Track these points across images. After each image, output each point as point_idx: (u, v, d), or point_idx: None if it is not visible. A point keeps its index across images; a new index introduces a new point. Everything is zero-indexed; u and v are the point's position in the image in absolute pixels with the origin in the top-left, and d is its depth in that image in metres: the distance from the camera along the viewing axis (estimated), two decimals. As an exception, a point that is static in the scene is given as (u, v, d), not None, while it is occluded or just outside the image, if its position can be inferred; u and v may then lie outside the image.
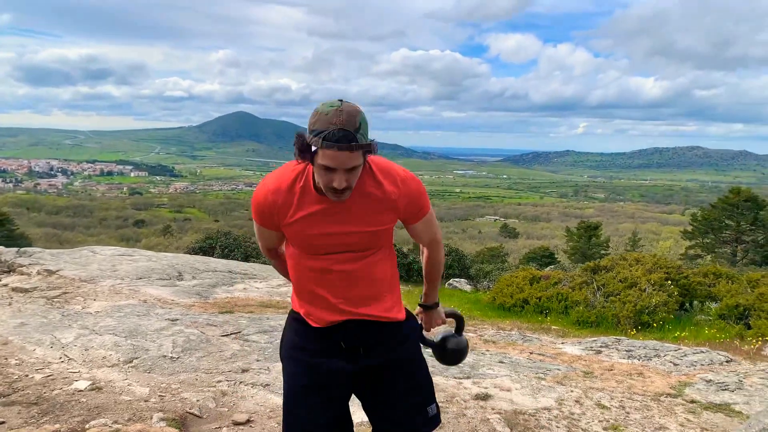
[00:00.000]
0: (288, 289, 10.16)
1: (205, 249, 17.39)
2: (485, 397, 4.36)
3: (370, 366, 2.12)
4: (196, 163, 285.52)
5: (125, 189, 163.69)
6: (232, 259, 14.71)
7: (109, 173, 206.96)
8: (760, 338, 6.79)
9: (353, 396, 2.27)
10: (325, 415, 2.10)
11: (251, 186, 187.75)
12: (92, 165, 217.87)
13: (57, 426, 3.85)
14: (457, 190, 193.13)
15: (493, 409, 4.15)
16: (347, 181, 1.85)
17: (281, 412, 4.14)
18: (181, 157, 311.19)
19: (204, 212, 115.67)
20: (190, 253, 15.45)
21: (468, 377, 4.72)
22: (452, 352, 2.52)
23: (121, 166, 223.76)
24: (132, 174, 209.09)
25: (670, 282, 8.60)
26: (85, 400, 4.31)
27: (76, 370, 5.01)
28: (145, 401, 4.33)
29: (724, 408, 4.38)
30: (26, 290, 8.15)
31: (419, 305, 2.49)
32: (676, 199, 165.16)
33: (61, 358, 5.33)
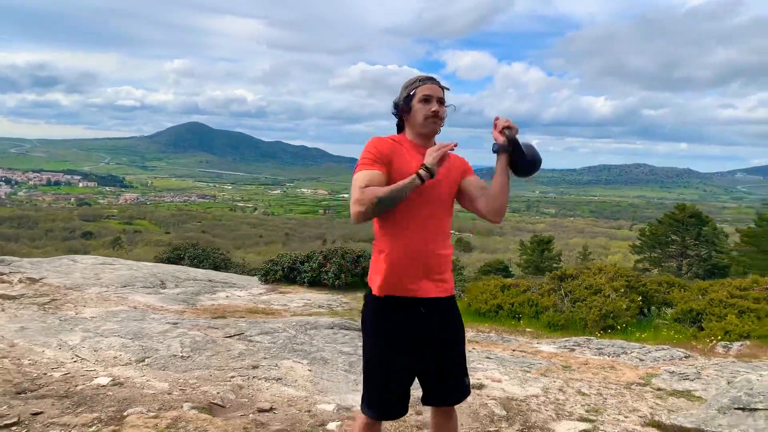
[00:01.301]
0: (269, 297, 10.51)
1: (174, 260, 17.48)
2: (480, 386, 4.88)
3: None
4: (148, 174, 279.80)
5: (73, 200, 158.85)
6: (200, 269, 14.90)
7: (57, 183, 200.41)
8: (712, 338, 7.56)
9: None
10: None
11: (204, 198, 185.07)
12: (38, 174, 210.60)
13: (96, 414, 4.15)
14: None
15: (488, 396, 4.67)
16: (442, 111, 2.56)
17: (298, 402, 4.59)
18: (132, 168, 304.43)
19: (155, 224, 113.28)
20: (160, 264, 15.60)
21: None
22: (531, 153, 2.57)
23: (69, 176, 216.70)
24: (80, 184, 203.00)
25: (631, 289, 9.39)
26: (111, 393, 4.60)
27: (92, 369, 5.28)
28: (168, 394, 4.65)
29: (686, 394, 5.02)
30: (14, 297, 8.28)
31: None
32: (624, 214, 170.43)
33: (73, 358, 5.58)
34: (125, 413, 4.14)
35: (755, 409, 4.15)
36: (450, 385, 2.66)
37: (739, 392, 4.36)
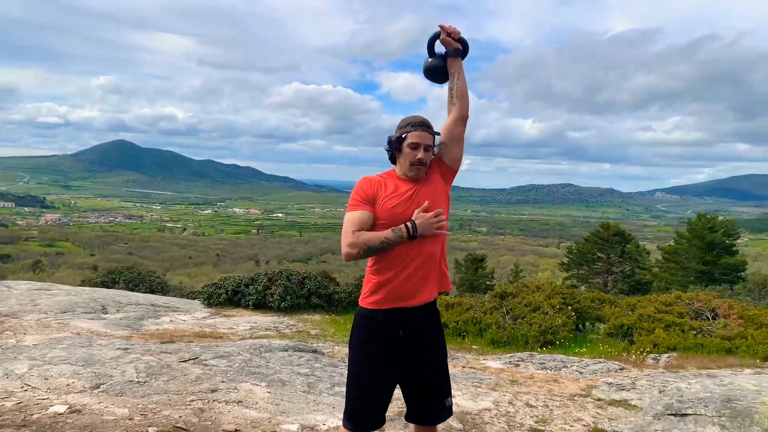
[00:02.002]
0: (214, 320, 10.46)
1: (108, 283, 17.00)
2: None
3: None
4: (71, 194, 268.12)
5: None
6: (140, 293, 14.58)
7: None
8: (643, 351, 8.11)
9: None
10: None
11: (131, 219, 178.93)
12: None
13: (59, 443, 4.14)
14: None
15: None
16: (426, 157, 2.82)
17: (262, 424, 4.72)
18: (54, 187, 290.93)
19: (79, 246, 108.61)
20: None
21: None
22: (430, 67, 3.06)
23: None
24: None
25: (568, 306, 9.92)
26: (71, 421, 4.56)
27: (45, 397, 5.20)
28: (130, 419, 4.66)
29: (623, 403, 5.44)
30: (-54, 326, 8.00)
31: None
32: (552, 233, 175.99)
33: (23, 387, 5.47)
34: (90, 440, 4.14)
35: (686, 414, 4.57)
36: (433, 405, 2.90)
37: (671, 399, 4.78)
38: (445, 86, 3.03)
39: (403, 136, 2.82)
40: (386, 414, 2.92)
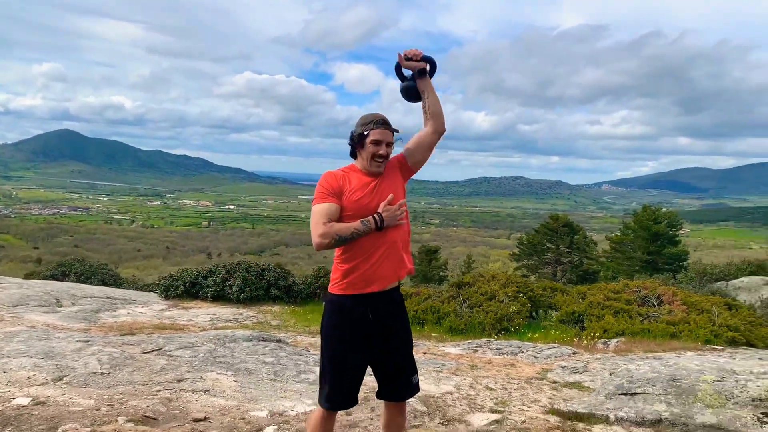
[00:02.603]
0: (172, 312, 10.40)
1: (58, 276, 16.60)
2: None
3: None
4: (11, 185, 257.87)
5: None
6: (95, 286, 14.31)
7: None
8: (594, 336, 8.49)
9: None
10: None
11: (76, 210, 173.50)
12: None
13: (27, 434, 4.13)
14: (303, 215, 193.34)
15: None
16: (387, 152, 2.99)
17: (231, 411, 4.80)
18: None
19: (21, 239, 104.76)
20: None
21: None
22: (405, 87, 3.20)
23: None
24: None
25: (522, 294, 10.25)
26: (36, 412, 4.54)
27: (6, 390, 5.14)
28: (97, 410, 4.67)
29: (577, 385, 5.73)
30: None
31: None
32: (503, 224, 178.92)
33: (-18, 381, 5.40)
34: (59, 430, 4.15)
35: (635, 394, 4.87)
36: (401, 383, 3.07)
37: (622, 380, 5.08)
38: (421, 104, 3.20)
39: (366, 133, 2.96)
40: (358, 394, 3.08)
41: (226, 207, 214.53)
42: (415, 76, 3.12)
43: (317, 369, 6.03)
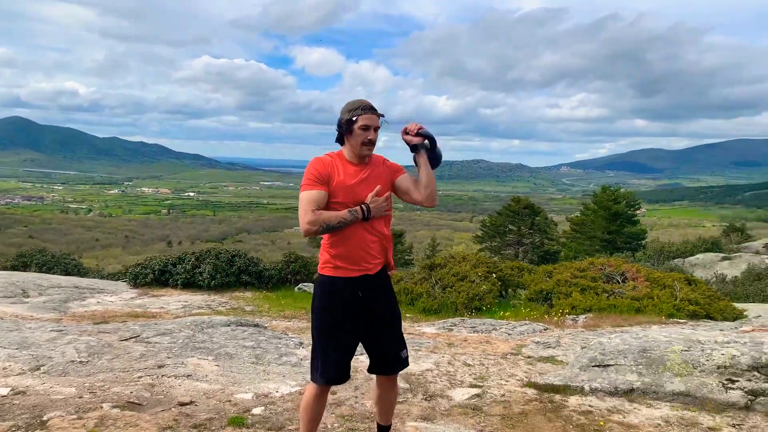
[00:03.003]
0: (143, 301, 10.30)
1: (18, 267, 16.21)
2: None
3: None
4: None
5: None
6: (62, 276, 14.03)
7: None
8: (562, 313, 8.76)
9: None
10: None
11: (30, 200, 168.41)
12: None
13: (10, 423, 4.09)
14: (265, 201, 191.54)
15: (390, 374, 5.21)
16: (375, 137, 3.04)
17: (216, 394, 4.84)
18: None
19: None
20: None
21: (362, 353, 5.72)
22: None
23: None
24: None
25: (492, 274, 10.47)
26: (18, 402, 4.50)
27: (-18, 381, 5.08)
28: (80, 398, 4.65)
29: (551, 359, 5.93)
30: None
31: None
32: (465, 207, 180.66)
33: (-45, 373, 5.31)
34: (44, 418, 4.13)
35: (608, 365, 5.08)
36: (391, 358, 3.18)
37: (595, 353, 5.28)
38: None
39: (354, 118, 3.00)
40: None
41: (186, 194, 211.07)
42: (415, 150, 3.17)
43: (298, 352, 6.11)
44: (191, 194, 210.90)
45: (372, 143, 3.05)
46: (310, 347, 5.99)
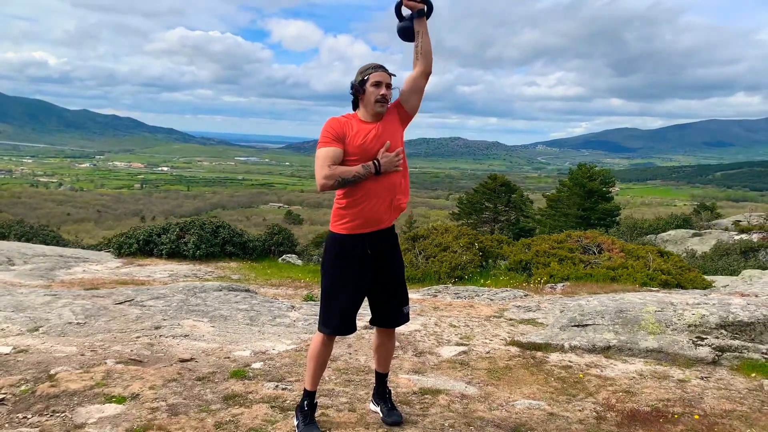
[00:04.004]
0: (129, 269, 10.40)
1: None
2: (371, 327, 5.65)
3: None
4: None
5: None
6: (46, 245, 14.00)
7: None
8: (541, 281, 9.11)
9: None
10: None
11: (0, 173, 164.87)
12: None
13: (18, 376, 4.24)
14: (240, 177, 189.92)
15: (381, 333, 5.46)
16: (387, 93, 3.18)
17: (215, 352, 5.03)
18: None
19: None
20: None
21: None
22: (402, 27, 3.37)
23: None
24: None
25: (474, 245, 10.78)
26: (22, 359, 4.64)
27: (-18, 341, 5.19)
28: (81, 355, 4.81)
29: (531, 322, 6.24)
30: None
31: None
32: (441, 185, 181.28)
33: (-46, 333, 5.41)
34: (51, 372, 4.28)
35: (586, 325, 5.39)
36: (394, 311, 3.40)
37: (574, 314, 5.59)
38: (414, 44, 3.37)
39: (366, 78, 3.18)
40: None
41: (159, 169, 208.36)
42: (414, 17, 3.28)
43: (291, 314, 6.33)
44: (165, 169, 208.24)
45: (385, 99, 3.17)
46: (303, 310, 6.26)
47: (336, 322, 3.28)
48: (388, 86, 3.20)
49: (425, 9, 3.30)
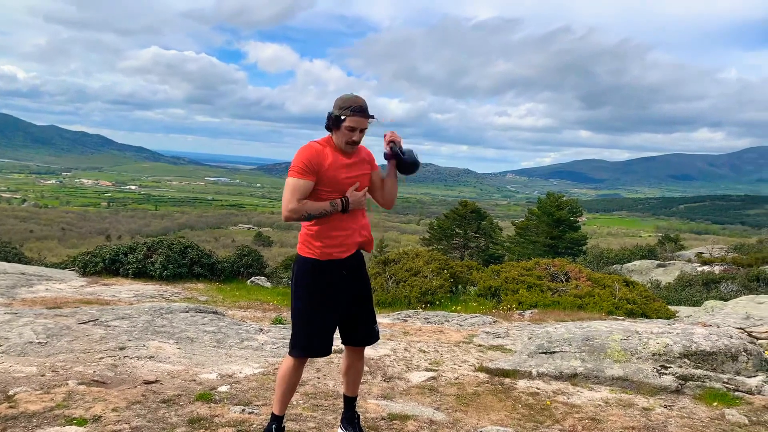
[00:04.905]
0: (94, 289, 10.18)
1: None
2: (341, 351, 5.61)
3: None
4: None
5: None
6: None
7: None
8: (510, 308, 9.18)
9: None
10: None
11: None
12: None
13: (-25, 398, 4.12)
14: (209, 197, 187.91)
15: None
16: (359, 137, 3.20)
17: (180, 374, 4.96)
18: None
19: None
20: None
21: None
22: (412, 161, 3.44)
23: None
24: None
25: (444, 270, 10.84)
26: (-21, 379, 4.51)
27: (-62, 360, 5.03)
28: (42, 376, 4.69)
29: (500, 348, 6.27)
30: None
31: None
32: (413, 210, 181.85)
33: None
34: (9, 393, 4.16)
35: (554, 352, 5.44)
36: (365, 330, 3.42)
37: (542, 341, 5.64)
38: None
39: (343, 117, 3.14)
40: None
41: (127, 187, 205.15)
42: (387, 158, 3.39)
43: (259, 337, 6.26)
44: (133, 187, 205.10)
45: (355, 143, 3.22)
46: (271, 333, 6.20)
47: (310, 342, 3.27)
48: (362, 131, 3.22)
49: (392, 156, 3.38)
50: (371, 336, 3.49)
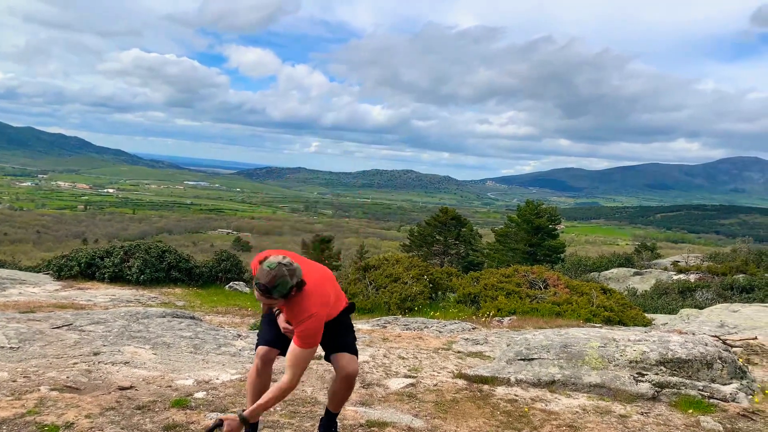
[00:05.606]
0: (68, 293, 10.02)
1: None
2: (319, 358, 5.57)
3: None
4: None
5: None
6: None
7: None
8: (489, 315, 9.21)
9: None
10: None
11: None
12: None
13: (-57, 404, 4.02)
14: (188, 201, 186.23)
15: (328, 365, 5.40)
16: (268, 306, 3.36)
17: (156, 380, 4.91)
18: None
19: None
20: None
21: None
22: None
23: None
24: None
25: (424, 277, 10.84)
26: (-52, 385, 4.41)
27: None
28: (13, 381, 4.59)
29: (479, 354, 6.28)
30: None
31: (240, 416, 3.15)
32: (393, 216, 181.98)
33: None
34: (-20, 400, 4.07)
35: (532, 359, 5.46)
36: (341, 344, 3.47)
37: (521, 348, 5.66)
38: None
39: (255, 283, 3.10)
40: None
41: (105, 190, 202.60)
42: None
43: (237, 343, 6.20)
44: (110, 191, 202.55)
45: (269, 308, 3.50)
46: (249, 339, 6.18)
47: (264, 337, 3.60)
48: (269, 304, 3.21)
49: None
50: (348, 348, 3.53)
